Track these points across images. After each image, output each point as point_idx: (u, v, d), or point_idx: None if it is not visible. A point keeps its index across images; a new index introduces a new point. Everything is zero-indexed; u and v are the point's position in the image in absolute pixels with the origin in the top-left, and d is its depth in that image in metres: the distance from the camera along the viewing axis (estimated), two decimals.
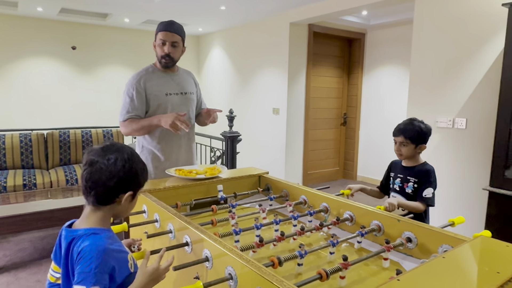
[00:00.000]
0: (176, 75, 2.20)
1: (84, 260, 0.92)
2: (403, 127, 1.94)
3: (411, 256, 1.31)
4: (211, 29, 6.00)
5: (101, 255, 0.94)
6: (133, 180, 1.06)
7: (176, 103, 2.13)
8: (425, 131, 1.91)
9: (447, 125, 2.90)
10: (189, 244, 1.24)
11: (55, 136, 4.36)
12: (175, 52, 2.09)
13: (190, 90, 2.23)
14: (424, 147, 1.93)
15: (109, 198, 1.04)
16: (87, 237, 0.98)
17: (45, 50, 5.35)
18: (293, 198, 1.85)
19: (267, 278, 0.90)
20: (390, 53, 5.26)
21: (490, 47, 2.64)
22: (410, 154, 1.92)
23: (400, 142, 1.93)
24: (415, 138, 1.89)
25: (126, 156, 1.05)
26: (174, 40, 2.07)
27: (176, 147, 2.18)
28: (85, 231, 1.00)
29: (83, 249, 0.95)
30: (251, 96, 5.53)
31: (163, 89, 2.11)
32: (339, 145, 5.91)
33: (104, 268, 0.93)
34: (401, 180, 1.95)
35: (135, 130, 2.05)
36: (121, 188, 1.04)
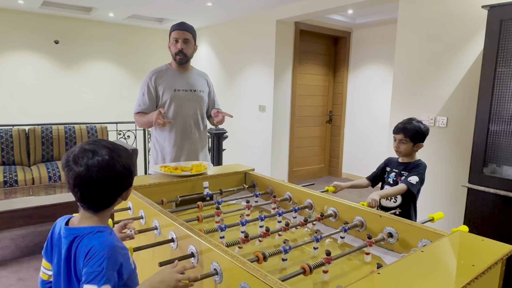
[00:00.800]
0: (188, 73, 2.37)
1: (95, 259, 0.90)
2: (403, 126, 2.04)
3: (392, 250, 1.35)
4: (198, 25, 5.96)
5: (111, 252, 0.92)
6: (130, 175, 1.03)
7: (183, 99, 2.29)
8: (424, 130, 2.03)
9: (428, 124, 2.97)
10: (175, 240, 1.25)
11: (37, 132, 4.28)
12: (187, 48, 2.27)
13: (200, 89, 2.37)
14: (422, 145, 2.05)
15: (108, 203, 1.01)
16: (93, 235, 0.95)
17: (27, 44, 5.23)
18: (278, 194, 1.87)
19: (252, 273, 0.91)
20: (375, 52, 5.34)
21: (470, 47, 2.71)
22: (407, 151, 2.05)
23: (400, 139, 2.04)
24: (413, 136, 2.01)
25: (113, 156, 0.97)
26: (185, 37, 2.25)
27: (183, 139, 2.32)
28: (89, 229, 0.97)
29: (92, 248, 0.92)
30: (238, 93, 5.53)
31: (172, 85, 2.28)
32: (325, 142, 5.97)
33: (114, 266, 0.92)
34: (395, 174, 2.07)
35: (141, 123, 2.30)
36: (121, 189, 1.01)
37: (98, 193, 0.97)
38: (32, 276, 2.59)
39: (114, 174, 0.97)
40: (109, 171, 0.96)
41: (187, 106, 2.30)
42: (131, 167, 1.04)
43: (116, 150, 1.01)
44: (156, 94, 2.27)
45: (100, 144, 0.99)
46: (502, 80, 2.21)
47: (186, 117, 2.31)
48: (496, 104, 2.23)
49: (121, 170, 0.99)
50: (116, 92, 5.96)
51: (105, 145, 0.99)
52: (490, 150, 2.27)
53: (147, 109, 2.26)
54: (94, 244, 0.92)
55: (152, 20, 5.68)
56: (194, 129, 2.36)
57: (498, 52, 2.20)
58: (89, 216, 1.00)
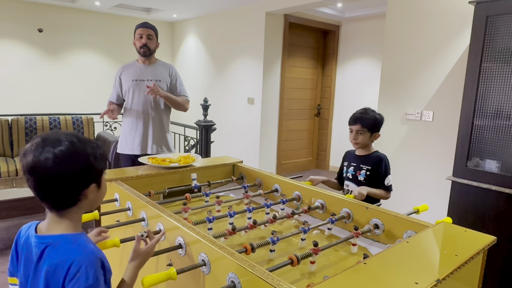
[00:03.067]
0: (151, 66, 2.69)
1: (82, 275, 0.82)
2: (360, 116, 1.99)
3: (378, 241, 1.37)
4: (186, 15, 5.88)
5: (95, 263, 0.85)
6: (90, 171, 0.90)
7: (140, 87, 2.61)
8: (380, 119, 2.01)
9: (415, 118, 3.01)
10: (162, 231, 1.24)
11: (21, 122, 4.18)
12: (150, 43, 2.62)
13: (158, 78, 2.66)
14: (378, 135, 2.02)
15: (70, 200, 0.90)
16: (69, 245, 0.86)
17: (9, 32, 5.07)
18: (266, 186, 1.88)
19: (240, 264, 0.92)
20: (363, 46, 5.36)
21: (457, 43, 2.74)
22: (365, 142, 2.00)
23: (357, 130, 1.98)
24: (371, 126, 1.97)
25: (69, 148, 0.86)
26: (149, 33, 2.62)
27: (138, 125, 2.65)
28: (62, 238, 0.88)
29: (74, 262, 0.83)
30: (226, 85, 5.50)
31: (132, 77, 2.64)
32: (313, 135, 6.00)
33: (101, 276, 0.85)
34: (354, 168, 2.01)
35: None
36: (80, 185, 0.89)
37: (53, 188, 0.86)
38: None
39: (73, 165, 0.87)
40: (66, 161, 0.86)
41: (142, 94, 2.61)
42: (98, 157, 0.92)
43: (78, 139, 0.90)
44: (120, 85, 2.68)
45: (59, 134, 0.89)
46: (487, 76, 2.25)
47: (141, 103, 2.62)
48: (480, 99, 2.27)
49: (84, 162, 0.89)
50: (102, 82, 5.85)
51: (66, 134, 0.89)
52: (474, 144, 2.31)
53: (113, 99, 2.71)
54: (74, 258, 0.83)
55: (140, 10, 5.58)
56: (148, 115, 2.65)
57: (483, 47, 2.23)
58: (57, 221, 0.90)
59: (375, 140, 2.03)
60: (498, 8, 2.15)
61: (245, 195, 1.71)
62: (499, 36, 2.18)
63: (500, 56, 2.18)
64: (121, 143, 2.71)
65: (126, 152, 2.67)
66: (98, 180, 0.93)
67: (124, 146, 2.68)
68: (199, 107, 3.95)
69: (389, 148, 3.22)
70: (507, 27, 2.14)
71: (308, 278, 1.12)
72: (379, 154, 2.01)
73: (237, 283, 0.92)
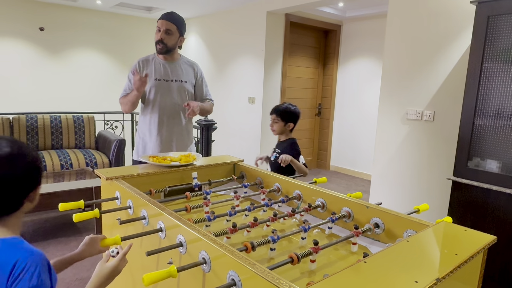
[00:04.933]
0: (174, 63, 2.35)
1: (28, 273, 0.79)
2: (276, 107, 2.42)
3: (378, 240, 1.37)
4: (188, 14, 5.88)
5: (40, 261, 0.82)
6: (35, 175, 0.89)
7: (164, 88, 2.31)
8: (292, 110, 2.39)
9: (416, 117, 3.01)
10: (163, 230, 1.25)
11: (22, 121, 4.19)
12: (168, 38, 2.25)
13: (184, 79, 2.37)
14: (292, 125, 2.40)
15: (14, 205, 0.87)
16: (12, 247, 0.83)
17: (11, 31, 5.09)
18: (267, 185, 1.88)
19: (240, 262, 0.92)
20: (364, 45, 5.36)
21: (458, 43, 2.74)
22: (280, 130, 2.41)
23: (273, 119, 2.41)
24: (283, 116, 2.37)
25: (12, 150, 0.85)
26: (168, 27, 2.23)
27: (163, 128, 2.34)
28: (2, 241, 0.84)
29: (18, 262, 0.80)
30: (227, 84, 5.50)
31: (155, 75, 2.30)
32: (313, 135, 6.01)
33: (47, 274, 0.84)
34: (276, 153, 2.39)
35: (124, 103, 2.29)
36: (28, 189, 0.88)
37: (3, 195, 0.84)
38: None
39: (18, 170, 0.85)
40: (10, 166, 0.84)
41: (169, 96, 2.31)
42: (38, 162, 0.92)
43: (17, 143, 0.89)
44: None
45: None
46: (488, 76, 2.25)
47: (165, 107, 2.32)
48: (481, 99, 2.27)
49: (26, 165, 0.87)
50: (104, 81, 5.86)
51: (5, 138, 0.88)
52: (475, 144, 2.31)
53: None
54: (18, 258, 0.80)
55: (141, 9, 5.58)
56: (172, 120, 2.35)
57: (484, 47, 2.23)
58: None
59: (290, 129, 2.40)
60: (500, 8, 2.15)
61: (261, 190, 1.71)
62: (500, 36, 2.17)
63: (501, 56, 2.18)
64: (139, 150, 2.38)
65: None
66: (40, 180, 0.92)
67: (143, 153, 2.33)
68: None
69: (390, 148, 3.22)
70: (508, 27, 2.13)
71: (308, 276, 1.12)
72: (291, 139, 2.42)
73: (238, 281, 0.93)
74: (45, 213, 3.54)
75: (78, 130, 4.52)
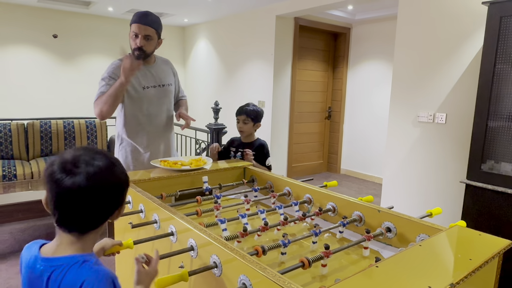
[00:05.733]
0: (153, 66, 2.16)
1: None
2: (245, 108, 2.37)
3: (390, 245, 1.36)
4: (197, 20, 5.94)
5: (107, 284, 0.81)
6: (123, 191, 0.88)
7: (154, 96, 2.13)
8: (260, 111, 2.41)
9: (427, 120, 2.98)
10: (174, 234, 1.26)
11: (36, 126, 4.27)
12: (148, 45, 2.02)
13: (168, 82, 2.21)
14: (259, 125, 2.40)
15: (95, 223, 0.86)
16: (79, 266, 0.81)
17: (25, 38, 5.20)
18: (277, 189, 1.88)
19: (251, 266, 0.92)
20: (374, 48, 5.33)
21: (470, 44, 2.71)
22: (249, 130, 2.38)
23: (243, 120, 2.35)
24: (254, 117, 2.36)
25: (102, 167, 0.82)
26: (147, 33, 1.99)
27: (155, 138, 2.20)
28: (73, 259, 0.82)
29: (85, 282, 0.78)
30: (237, 88, 5.53)
31: (140, 82, 2.09)
32: (324, 138, 5.98)
33: None
34: (241, 153, 2.32)
35: (104, 102, 1.95)
36: (114, 206, 0.87)
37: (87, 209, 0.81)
38: None
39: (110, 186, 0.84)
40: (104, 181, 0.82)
41: (158, 104, 2.16)
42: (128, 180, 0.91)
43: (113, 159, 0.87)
44: None
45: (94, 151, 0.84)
46: (501, 77, 2.21)
47: (159, 115, 2.17)
48: (495, 100, 2.24)
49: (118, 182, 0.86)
50: None
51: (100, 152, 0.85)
52: (488, 147, 2.28)
53: None
54: (85, 278, 0.79)
55: None
56: (165, 127, 2.24)
57: (497, 48, 2.20)
58: (70, 242, 0.84)
59: (257, 129, 2.40)
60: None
61: (272, 194, 1.71)
62: None
63: None
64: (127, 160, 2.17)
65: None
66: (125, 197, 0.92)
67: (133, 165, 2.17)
68: (210, 110, 3.98)
69: (401, 151, 3.19)
70: None
71: (319, 281, 1.12)
72: (261, 141, 2.41)
73: (248, 285, 0.93)
74: None
75: (91, 135, 4.59)
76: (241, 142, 2.41)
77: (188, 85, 6.67)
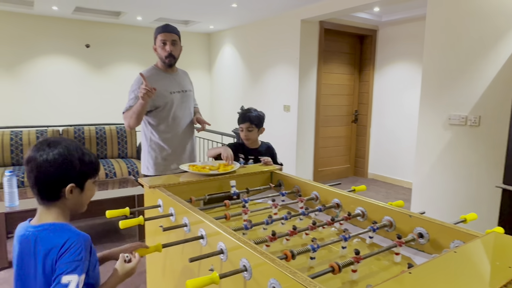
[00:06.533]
0: (176, 74, 2.41)
1: (73, 249, 0.97)
2: (248, 115, 2.32)
3: (423, 251, 1.32)
4: (222, 26, 6.03)
5: (86, 243, 1.00)
6: (69, 173, 1.06)
7: (178, 100, 2.35)
8: (263, 115, 2.40)
9: (459, 122, 2.88)
10: (204, 237, 1.28)
11: (70, 132, 4.46)
12: (175, 50, 2.31)
13: (188, 88, 2.45)
14: (263, 129, 2.39)
15: (52, 194, 1.05)
16: (57, 230, 1.02)
17: (60, 48, 5.46)
18: (304, 194, 1.87)
19: (281, 270, 0.92)
20: (402, 49, 5.22)
21: (504, 43, 2.61)
22: (255, 137, 2.37)
23: (247, 128, 2.31)
24: (258, 123, 2.33)
25: (59, 150, 1.05)
26: (173, 38, 2.29)
27: (181, 139, 2.40)
28: (50, 225, 1.03)
29: (68, 240, 0.98)
30: (262, 93, 5.55)
31: (168, 88, 2.31)
32: (350, 142, 5.90)
33: (86, 256, 1.00)
34: (253, 160, 2.32)
35: (129, 116, 2.22)
36: (60, 182, 1.05)
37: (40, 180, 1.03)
38: None
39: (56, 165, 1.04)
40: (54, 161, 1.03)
41: (183, 107, 2.38)
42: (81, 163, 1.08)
43: (70, 145, 1.08)
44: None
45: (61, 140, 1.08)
46: None
47: (184, 118, 2.38)
48: None
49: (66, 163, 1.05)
50: None
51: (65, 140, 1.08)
52: None
53: None
54: (68, 237, 0.99)
55: (178, 23, 5.79)
56: (191, 128, 2.47)
57: None
58: (45, 212, 1.06)
59: (261, 134, 2.39)
60: None
61: (299, 199, 1.71)
62: None
63: None
64: (154, 163, 2.33)
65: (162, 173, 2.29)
66: (80, 182, 1.09)
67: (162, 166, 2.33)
68: (236, 115, 4.01)
69: (432, 154, 3.10)
70: None
71: (349, 286, 1.10)
72: (266, 143, 2.45)
73: None
74: (91, 219, 3.72)
75: (121, 141, 4.74)
76: (248, 148, 2.39)
77: (214, 91, 6.76)
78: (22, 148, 4.14)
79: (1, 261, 2.70)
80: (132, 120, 2.21)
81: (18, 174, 3.74)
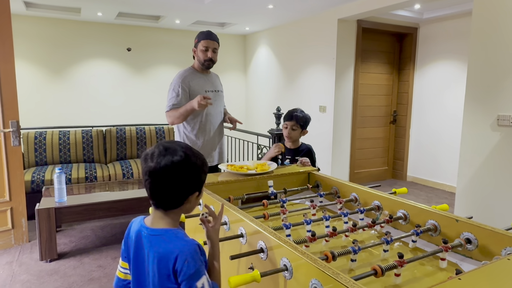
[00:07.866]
0: (210, 76, 2.67)
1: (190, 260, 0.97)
2: (295, 114, 2.36)
3: (471, 257, 1.26)
4: (258, 28, 6.06)
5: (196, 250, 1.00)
6: (197, 180, 1.07)
7: (212, 99, 2.51)
8: (309, 118, 2.43)
9: (509, 123, 2.72)
10: (244, 235, 1.29)
11: (113, 132, 4.66)
12: (215, 56, 2.56)
13: (220, 89, 2.71)
14: (306, 131, 2.42)
15: (177, 203, 1.06)
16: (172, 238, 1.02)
17: (103, 52, 5.72)
18: (343, 195, 1.85)
19: (323, 270, 0.92)
20: (445, 47, 5.01)
21: None
22: (297, 137, 2.41)
23: (291, 126, 2.36)
24: (303, 123, 2.37)
25: (183, 157, 1.02)
26: (215, 46, 2.53)
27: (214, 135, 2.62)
28: (166, 231, 1.04)
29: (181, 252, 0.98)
30: (298, 93, 5.53)
31: (203, 87, 2.57)
32: (388, 143, 5.73)
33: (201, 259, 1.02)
34: (290, 160, 2.33)
35: (176, 116, 2.48)
36: (188, 191, 1.05)
37: (165, 191, 1.02)
38: (110, 264, 2.83)
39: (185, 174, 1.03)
40: (178, 171, 1.01)
41: (216, 106, 2.59)
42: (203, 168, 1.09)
43: (192, 153, 1.06)
44: (189, 94, 2.51)
45: (177, 145, 1.05)
46: None
47: (215, 115, 2.62)
48: None
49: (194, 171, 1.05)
50: None
51: (182, 147, 1.05)
52: None
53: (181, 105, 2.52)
54: (179, 250, 0.99)
55: (215, 25, 5.90)
56: (221, 127, 2.69)
57: None
58: (161, 217, 1.06)
59: (303, 135, 2.43)
60: None
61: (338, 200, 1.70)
62: None
63: None
64: None
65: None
66: (201, 189, 1.11)
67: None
68: (272, 116, 4.03)
69: (478, 157, 2.95)
70: None
71: None
72: (307, 145, 2.45)
73: None
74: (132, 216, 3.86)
75: (160, 140, 4.89)
76: (287, 148, 2.43)
77: (249, 91, 6.82)
78: (69, 147, 4.38)
79: (52, 253, 2.87)
80: (178, 120, 2.50)
81: (66, 171, 3.97)
